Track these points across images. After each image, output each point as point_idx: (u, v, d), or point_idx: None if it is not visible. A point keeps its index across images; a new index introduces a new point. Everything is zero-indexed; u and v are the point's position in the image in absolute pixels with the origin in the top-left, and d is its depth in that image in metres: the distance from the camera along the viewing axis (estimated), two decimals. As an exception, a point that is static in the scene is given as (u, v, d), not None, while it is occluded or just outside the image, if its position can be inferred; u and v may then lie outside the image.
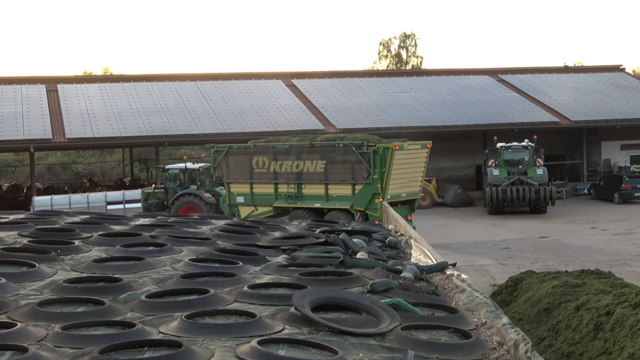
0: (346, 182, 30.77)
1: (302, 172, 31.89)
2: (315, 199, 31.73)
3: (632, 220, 38.31)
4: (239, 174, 33.76)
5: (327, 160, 31.21)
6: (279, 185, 32.59)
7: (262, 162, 32.91)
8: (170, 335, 5.51)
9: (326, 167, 31.21)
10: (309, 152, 31.71)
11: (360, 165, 30.24)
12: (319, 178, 31.46)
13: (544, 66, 65.72)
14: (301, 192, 32.11)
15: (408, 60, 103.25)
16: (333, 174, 31.16)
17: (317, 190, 31.73)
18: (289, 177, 32.26)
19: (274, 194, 32.75)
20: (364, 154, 30.09)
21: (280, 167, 32.43)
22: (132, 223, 11.89)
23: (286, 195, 32.39)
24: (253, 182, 33.22)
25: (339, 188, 31.17)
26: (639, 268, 24.53)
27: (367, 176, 30.07)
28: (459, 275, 8.12)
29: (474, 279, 20.82)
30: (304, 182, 31.88)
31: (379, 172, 29.91)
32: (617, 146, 56.45)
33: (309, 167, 31.71)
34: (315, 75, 58.73)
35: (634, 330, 12.34)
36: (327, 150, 31.27)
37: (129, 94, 51.18)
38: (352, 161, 30.54)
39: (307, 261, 8.73)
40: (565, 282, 16.80)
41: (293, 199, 32.20)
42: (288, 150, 32.25)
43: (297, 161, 31.91)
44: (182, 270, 7.93)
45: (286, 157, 32.25)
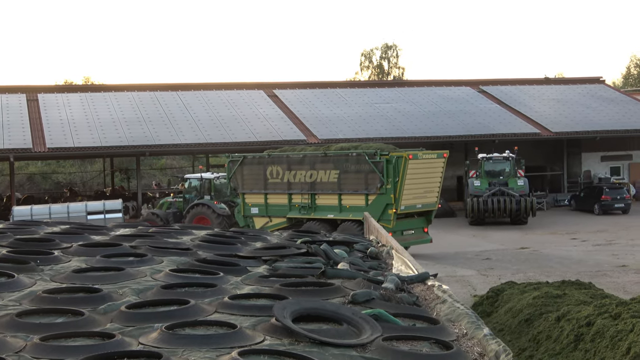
0: (359, 192, 30.37)
1: (315, 182, 31.57)
2: (328, 210, 31.35)
3: (612, 232, 38.48)
4: (253, 184, 33.46)
5: (340, 169, 30.85)
6: (293, 196, 32.27)
7: (277, 172, 32.63)
8: (150, 346, 5.47)
9: (339, 177, 30.88)
10: (322, 162, 31.37)
11: (373, 175, 29.86)
12: (332, 188, 31.12)
13: (525, 78, 66.09)
14: (315, 202, 31.77)
15: (390, 71, 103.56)
16: (346, 184, 30.80)
17: (330, 201, 31.37)
18: (302, 187, 31.93)
19: (287, 204, 32.43)
20: (377, 163, 29.70)
21: (294, 177, 32.15)
22: (113, 233, 11.82)
23: (300, 206, 32.03)
24: (267, 192, 32.89)
25: (352, 198, 30.77)
26: (619, 279, 24.62)
27: (381, 186, 29.66)
28: (440, 286, 8.11)
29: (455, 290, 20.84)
30: (317, 192, 31.54)
31: (392, 181, 29.49)
32: (598, 157, 56.78)
33: (322, 177, 31.40)
34: (297, 85, 58.79)
35: (614, 341, 12.38)
36: (341, 160, 30.90)
37: (109, 104, 51.04)
38: (365, 171, 30.17)
39: (288, 272, 8.69)
40: (546, 293, 16.85)
41: (307, 210, 31.85)
42: (302, 159, 31.93)
43: (311, 171, 31.60)
44: (163, 281, 7.88)
45: (300, 167, 31.94)
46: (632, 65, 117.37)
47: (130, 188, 61.66)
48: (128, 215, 46.49)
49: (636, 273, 25.72)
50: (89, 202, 42.76)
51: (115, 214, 39.15)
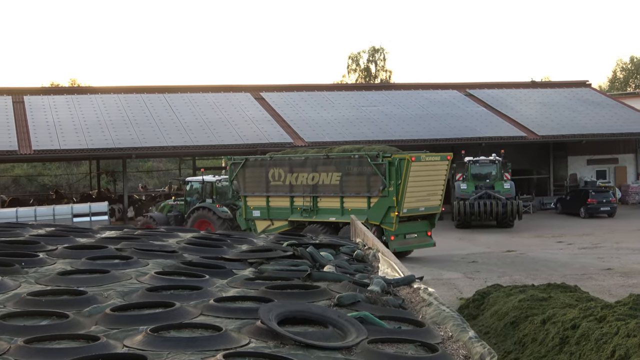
0: (361, 194, 30.08)
1: (317, 184, 31.27)
2: (330, 213, 31.01)
3: (597, 235, 38.61)
4: (255, 187, 33.18)
5: (342, 172, 30.57)
6: (295, 199, 31.99)
7: (279, 175, 32.34)
8: (135, 349, 5.45)
9: (341, 179, 30.60)
10: (324, 164, 31.10)
11: (375, 177, 29.57)
12: (334, 190, 30.83)
13: (512, 81, 66.29)
14: (317, 205, 31.47)
15: (377, 74, 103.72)
16: (348, 187, 30.49)
17: (332, 204, 31.06)
18: (304, 190, 31.64)
19: (289, 207, 32.16)
20: (379, 165, 29.40)
21: (296, 180, 31.87)
22: (98, 236, 11.78)
23: (302, 209, 31.78)
24: (269, 195, 32.62)
25: (354, 201, 30.47)
26: (605, 282, 24.70)
27: (383, 189, 29.34)
28: (425, 288, 8.11)
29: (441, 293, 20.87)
30: (319, 195, 31.25)
31: (394, 184, 29.18)
32: (584, 161, 57.00)
33: (324, 180, 31.11)
34: (284, 88, 58.82)
35: (599, 344, 12.42)
36: (343, 162, 30.61)
37: (96, 106, 50.92)
38: (367, 173, 29.87)
39: (274, 274, 8.69)
40: (532, 296, 16.87)
41: (308, 213, 31.57)
42: (304, 162, 31.67)
43: (313, 173, 31.33)
44: (148, 283, 7.86)
45: (302, 169, 31.67)
46: (618, 69, 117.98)
47: (117, 190, 61.49)
48: (114, 217, 46.36)
49: (621, 276, 25.81)
50: (75, 205, 42.64)
51: (101, 217, 39.02)
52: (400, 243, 30.34)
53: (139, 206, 50.77)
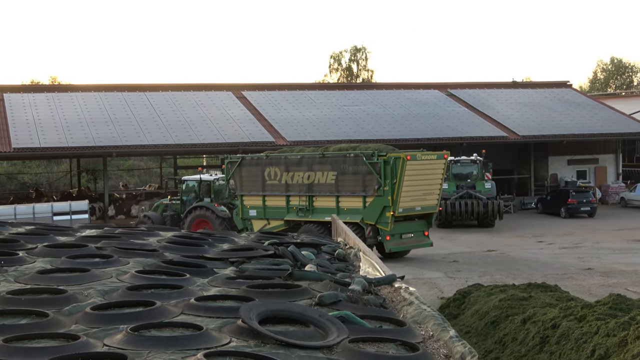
0: (357, 194, 29.77)
1: (313, 183, 31.00)
2: (326, 212, 30.42)
3: (578, 235, 38.80)
4: (251, 186, 32.89)
5: (338, 171, 30.29)
6: (291, 198, 31.71)
7: (275, 174, 32.07)
8: (115, 348, 5.43)
9: (337, 178, 30.31)
10: (320, 163, 30.83)
11: (371, 177, 29.30)
12: (329, 190, 30.56)
13: (493, 81, 66.48)
14: (312, 205, 31.18)
15: (359, 74, 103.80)
16: (344, 186, 30.20)
17: (328, 203, 30.72)
18: (300, 189, 31.37)
19: (285, 207, 31.87)
20: (375, 164, 29.11)
21: (292, 179, 31.60)
22: (78, 234, 11.72)
23: (297, 209, 31.49)
24: (265, 194, 32.35)
25: (349, 200, 30.17)
26: (585, 282, 24.82)
27: (378, 188, 29.06)
28: (407, 288, 8.12)
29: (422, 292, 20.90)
30: (315, 194, 30.98)
31: (389, 183, 28.90)
32: (564, 161, 57.26)
33: (319, 179, 30.82)
34: (266, 87, 58.76)
35: (579, 343, 12.47)
36: (338, 161, 30.33)
37: (76, 104, 50.69)
38: (362, 172, 29.56)
39: (255, 273, 8.68)
40: (512, 296, 16.93)
41: (304, 212, 31.29)
42: (299, 160, 31.40)
43: (309, 172, 31.06)
44: (128, 282, 7.83)
45: (298, 168, 31.41)
46: (599, 69, 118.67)
47: (97, 189, 61.27)
48: (95, 216, 46.19)
49: (601, 276, 25.94)
50: (55, 203, 42.44)
51: (81, 215, 38.86)
52: (396, 243, 30.19)
53: (119, 205, 50.59)
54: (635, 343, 11.39)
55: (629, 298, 15.42)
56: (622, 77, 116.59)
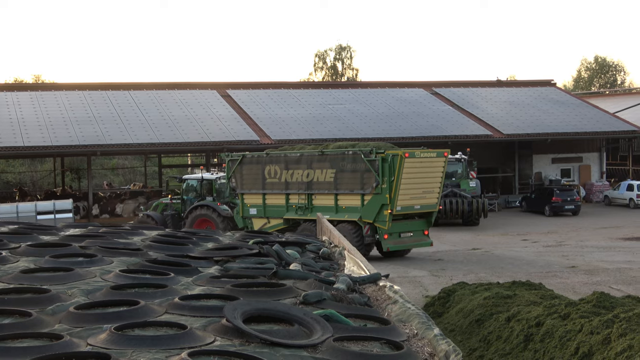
0: (355, 192, 29.44)
1: (312, 181, 30.67)
2: (325, 211, 29.61)
3: (562, 233, 38.92)
4: (252, 184, 32.56)
5: (336, 169, 29.94)
6: (290, 196, 31.41)
7: (274, 172, 31.75)
8: (99, 347, 5.41)
9: (336, 176, 29.97)
10: (319, 161, 30.50)
11: (369, 174, 28.91)
12: (328, 188, 30.22)
13: (477, 80, 66.60)
14: (311, 203, 30.84)
15: (343, 72, 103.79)
16: (342, 184, 29.85)
17: (327, 202, 30.43)
18: (299, 187, 31.05)
19: (285, 205, 31.57)
20: (372, 161, 28.72)
21: (291, 177, 31.28)
22: (62, 233, 11.69)
23: (297, 207, 31.18)
24: (265, 192, 32.04)
25: (348, 199, 29.86)
26: (569, 280, 24.90)
27: (376, 186, 28.66)
28: (391, 286, 8.14)
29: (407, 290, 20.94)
30: (313, 192, 30.66)
31: (387, 181, 28.51)
32: (548, 159, 57.43)
33: (318, 177, 30.49)
34: (251, 85, 58.66)
35: (563, 341, 12.52)
36: (337, 159, 29.97)
37: (60, 103, 50.48)
38: (361, 170, 29.18)
39: (239, 272, 8.67)
40: (497, 294, 16.97)
41: (303, 211, 30.94)
42: (299, 158, 31.09)
43: (308, 170, 30.73)
44: (112, 282, 7.81)
45: (297, 166, 31.09)
46: (583, 68, 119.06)
47: (81, 188, 61.06)
48: (79, 215, 46.03)
49: (585, 274, 26.04)
50: (39, 202, 42.26)
51: (65, 214, 38.70)
52: (394, 242, 29.91)
53: (103, 204, 50.43)
54: (618, 341, 11.44)
55: (613, 296, 15.49)
56: (606, 75, 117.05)
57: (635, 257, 29.65)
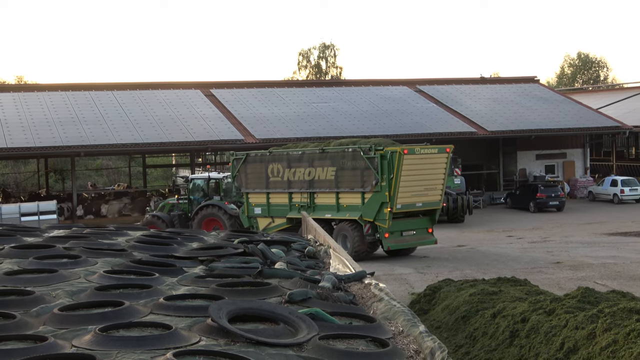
0: (355, 190, 28.99)
1: (314, 180, 30.31)
2: (326, 210, 29.97)
3: (547, 229, 39.05)
4: (256, 183, 32.30)
5: (337, 166, 29.57)
6: (293, 195, 31.10)
7: (277, 170, 31.48)
8: (83, 349, 5.39)
9: (336, 174, 29.59)
10: (320, 159, 30.17)
11: (368, 172, 28.46)
12: (329, 186, 29.87)
13: (461, 77, 66.71)
14: (314, 202, 30.50)
15: (327, 71, 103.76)
16: (343, 182, 29.47)
17: (328, 200, 30.07)
18: (301, 186, 30.71)
19: (288, 204, 31.24)
20: (372, 159, 28.29)
21: (293, 175, 30.98)
22: (46, 235, 11.64)
23: (299, 206, 30.72)
24: (269, 191, 31.80)
25: (349, 197, 29.47)
26: (554, 275, 24.98)
27: (376, 183, 28.23)
28: (377, 284, 8.14)
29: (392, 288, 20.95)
30: (315, 190, 30.32)
31: (387, 178, 28.07)
32: (533, 156, 57.59)
33: (320, 175, 30.14)
34: (235, 85, 58.56)
35: (548, 336, 12.56)
36: (337, 156, 29.62)
37: (43, 104, 50.25)
38: (361, 167, 28.75)
39: (224, 272, 8.66)
40: (482, 290, 17.00)
41: (306, 210, 30.04)
42: (300, 156, 30.78)
43: (309, 168, 30.39)
44: (97, 283, 7.79)
45: (299, 164, 30.76)
46: (566, 65, 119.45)
47: (65, 189, 60.82)
48: (63, 216, 45.86)
49: (570, 269, 26.13)
50: (23, 204, 42.08)
51: (49, 215, 38.54)
52: (395, 241, 29.54)
53: (88, 204, 50.27)
54: (603, 335, 11.48)
55: (598, 291, 15.54)
56: (589, 72, 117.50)
57: (619, 252, 29.78)
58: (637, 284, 22.92)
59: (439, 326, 16.25)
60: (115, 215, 48.42)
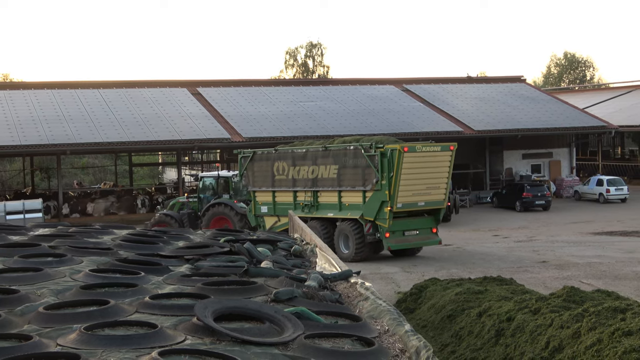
0: (357, 188, 28.43)
1: (317, 178, 29.88)
2: (329, 209, 29.51)
3: (533, 228, 39.14)
4: (262, 182, 31.98)
5: (339, 164, 29.05)
6: (298, 194, 30.69)
7: (283, 168, 31.14)
8: (69, 348, 5.38)
9: (339, 173, 29.07)
10: (323, 157, 29.71)
11: (369, 170, 27.89)
12: (331, 184, 29.37)
13: (448, 76, 66.81)
14: (317, 200, 30.06)
15: (314, 70, 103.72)
16: (345, 180, 28.95)
17: (331, 199, 29.59)
18: (305, 184, 30.29)
19: (292, 203, 30.74)
20: (372, 156, 27.73)
21: (298, 174, 30.58)
22: (31, 233, 11.61)
23: (303, 205, 30.35)
24: (275, 190, 31.45)
25: (350, 196, 28.90)
26: (540, 274, 25.05)
27: (376, 182, 27.65)
28: (362, 283, 8.15)
29: (379, 287, 20.99)
30: (318, 189, 29.86)
31: (386, 176, 27.48)
32: (519, 155, 57.71)
33: (323, 173, 29.66)
34: (221, 83, 58.47)
35: (533, 335, 12.60)
36: (340, 154, 29.12)
37: (29, 102, 50.06)
38: (362, 165, 28.20)
39: (210, 271, 8.64)
40: (468, 289, 17.05)
41: (309, 209, 30.13)
42: (304, 154, 30.39)
43: (313, 166, 29.97)
44: (82, 281, 7.77)
45: (303, 163, 30.38)
46: (553, 64, 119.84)
47: (51, 187, 60.61)
48: (49, 215, 45.71)
49: (556, 269, 26.20)
50: (8, 202, 41.92)
51: (35, 214, 38.40)
52: (397, 240, 28.95)
53: (74, 203, 50.10)
54: (588, 335, 11.53)
55: (583, 290, 15.59)
56: (575, 71, 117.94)
57: (605, 252, 29.88)
58: (622, 283, 23.01)
59: (424, 325, 16.28)
60: (101, 214, 48.29)
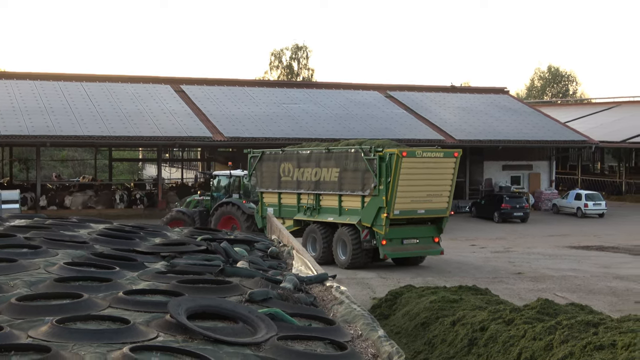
0: (356, 193, 27.60)
1: (319, 181, 29.14)
2: (330, 213, 28.79)
3: (510, 239, 39.28)
4: (269, 183, 31.32)
5: (340, 167, 28.25)
6: (301, 196, 29.96)
7: (288, 170, 30.43)
8: (40, 340, 5.34)
9: (339, 176, 28.24)
10: (325, 159, 28.97)
11: (368, 174, 27.04)
12: (333, 188, 28.61)
13: (432, 85, 66.98)
14: (319, 204, 29.30)
15: (299, 72, 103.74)
16: (345, 184, 28.13)
17: (332, 203, 28.85)
18: (309, 187, 29.59)
19: (296, 205, 30.15)
20: (371, 160, 26.89)
21: (302, 176, 29.85)
22: (7, 224, 11.53)
23: (306, 207, 29.72)
24: (280, 191, 30.79)
25: (350, 200, 28.07)
26: (515, 286, 25.14)
27: (374, 187, 26.78)
28: (338, 287, 8.15)
29: (354, 292, 20.97)
30: (320, 192, 29.13)
31: (384, 181, 26.60)
32: (499, 166, 57.92)
33: (325, 176, 28.90)
34: (205, 82, 58.38)
35: (506, 346, 12.64)
36: (341, 157, 28.33)
37: (11, 92, 49.76)
38: (362, 169, 27.32)
39: (186, 268, 8.61)
40: (443, 298, 17.08)
41: (311, 212, 29.46)
42: (308, 156, 29.68)
43: (316, 169, 29.25)
44: (56, 274, 7.72)
45: (307, 164, 29.67)
46: (536, 77, 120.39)
47: (29, 178, 60.31)
48: (26, 206, 45.47)
49: (531, 280, 26.30)
50: (-15, 193, 41.70)
51: (12, 205, 38.19)
52: (394, 249, 28.09)
53: (52, 195, 49.87)
54: (560, 347, 11.57)
55: (557, 303, 15.67)
56: (558, 85, 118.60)
57: (580, 266, 30.02)
58: (596, 297, 23.13)
59: (398, 332, 16.29)
60: (79, 208, 48.08)
